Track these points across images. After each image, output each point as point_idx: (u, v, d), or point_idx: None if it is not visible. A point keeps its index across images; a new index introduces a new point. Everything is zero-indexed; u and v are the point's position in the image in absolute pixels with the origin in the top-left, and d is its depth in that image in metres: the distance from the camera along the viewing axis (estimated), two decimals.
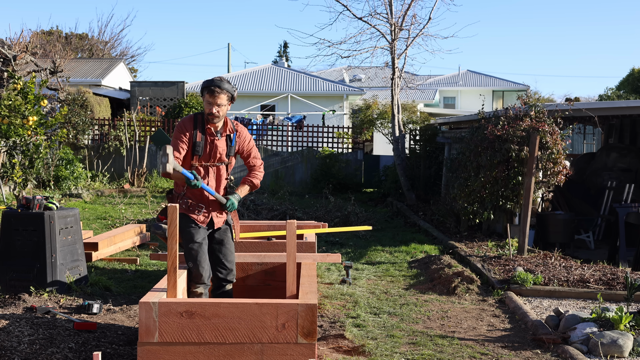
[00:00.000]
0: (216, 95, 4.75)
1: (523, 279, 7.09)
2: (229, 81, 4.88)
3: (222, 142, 4.91)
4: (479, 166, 9.76)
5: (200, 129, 4.86)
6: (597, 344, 5.04)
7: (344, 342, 5.17)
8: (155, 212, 12.73)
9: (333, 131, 19.85)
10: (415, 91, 31.68)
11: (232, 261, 5.07)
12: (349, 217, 11.83)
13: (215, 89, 4.74)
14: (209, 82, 4.79)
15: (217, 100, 4.76)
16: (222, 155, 4.93)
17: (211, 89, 4.75)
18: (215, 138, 4.88)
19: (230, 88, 4.82)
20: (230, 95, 4.83)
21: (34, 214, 6.22)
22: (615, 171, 12.06)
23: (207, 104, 4.80)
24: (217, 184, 4.97)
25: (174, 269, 4.43)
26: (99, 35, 40.18)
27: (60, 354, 4.55)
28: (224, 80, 4.82)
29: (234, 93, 4.86)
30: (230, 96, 4.84)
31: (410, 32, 15.54)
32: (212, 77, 4.87)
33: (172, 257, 4.43)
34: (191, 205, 4.86)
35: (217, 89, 4.74)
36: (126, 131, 18.73)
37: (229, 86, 4.82)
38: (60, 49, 21.98)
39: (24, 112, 11.71)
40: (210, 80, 4.80)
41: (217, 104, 4.78)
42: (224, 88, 4.77)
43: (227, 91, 4.79)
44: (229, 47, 40.64)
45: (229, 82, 4.86)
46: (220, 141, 4.91)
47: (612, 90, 25.34)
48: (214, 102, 4.77)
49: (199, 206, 4.87)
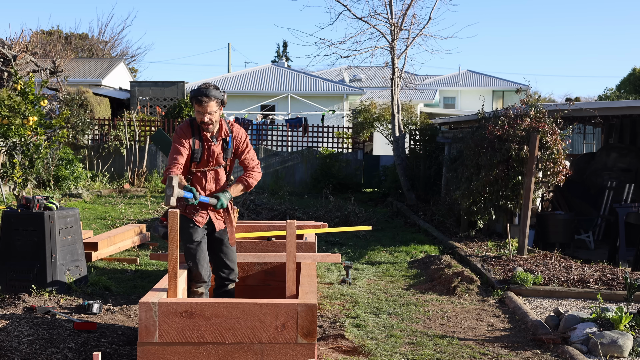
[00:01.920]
0: (205, 104, 4.71)
1: (523, 279, 7.09)
2: (216, 86, 4.82)
3: (218, 147, 4.91)
4: (479, 166, 9.76)
5: (197, 136, 4.84)
6: (597, 344, 5.04)
7: (344, 342, 5.18)
8: (155, 212, 12.73)
9: (333, 131, 19.85)
10: (415, 91, 31.67)
11: (233, 260, 5.07)
12: (349, 217, 11.84)
13: (203, 98, 4.70)
14: (195, 92, 4.74)
15: (207, 108, 4.73)
16: (220, 158, 4.92)
17: (199, 99, 4.70)
18: (211, 143, 4.87)
19: (218, 94, 4.76)
20: (219, 100, 4.78)
21: (34, 214, 6.22)
22: (615, 171, 12.06)
23: (198, 114, 4.77)
24: (217, 186, 4.98)
25: (175, 274, 4.44)
26: (99, 35, 40.22)
27: (60, 354, 4.55)
28: (210, 87, 4.76)
29: (223, 97, 4.81)
30: (220, 101, 4.79)
31: (410, 32, 15.55)
32: (198, 85, 4.82)
33: (173, 262, 4.43)
34: (188, 207, 4.87)
35: (204, 98, 4.70)
36: (126, 131, 18.73)
37: (216, 92, 4.76)
38: (60, 49, 22.01)
39: (24, 112, 11.71)
40: (197, 90, 4.75)
41: (208, 112, 4.75)
42: (211, 95, 4.72)
43: (215, 97, 4.74)
44: (229, 47, 40.67)
45: (216, 87, 4.81)
46: (217, 146, 4.90)
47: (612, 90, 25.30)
48: (204, 110, 4.74)
49: (196, 208, 4.88)
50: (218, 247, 5.00)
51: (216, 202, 4.81)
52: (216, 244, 5.00)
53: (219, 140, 4.92)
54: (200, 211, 4.89)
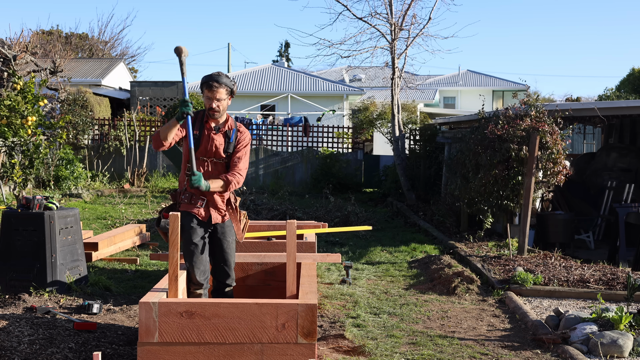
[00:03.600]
0: (214, 90, 4.75)
1: (523, 279, 7.09)
2: (227, 75, 4.86)
3: (219, 137, 4.86)
4: (479, 166, 9.76)
5: (200, 123, 4.86)
6: (597, 344, 5.04)
7: (344, 342, 5.17)
8: (155, 212, 12.73)
9: (333, 131, 19.86)
10: (415, 91, 31.66)
11: (230, 266, 4.99)
12: (349, 217, 11.83)
13: (214, 83, 4.74)
14: (207, 77, 4.79)
15: (217, 94, 4.76)
16: (219, 150, 4.86)
17: (210, 84, 4.75)
18: (212, 132, 4.85)
19: (228, 82, 4.81)
20: (229, 89, 4.82)
21: (34, 214, 6.22)
22: (615, 171, 12.06)
23: (206, 99, 4.80)
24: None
25: (175, 277, 4.43)
26: (99, 35, 40.19)
27: (60, 354, 4.55)
28: (222, 74, 4.82)
29: (233, 87, 4.85)
30: (230, 90, 4.83)
31: (410, 32, 15.56)
32: (211, 72, 4.86)
33: (174, 265, 4.43)
34: (193, 198, 4.82)
35: (215, 84, 4.74)
36: (126, 131, 18.73)
37: (227, 80, 4.81)
38: (60, 49, 21.96)
39: (24, 112, 11.71)
40: (208, 76, 4.80)
41: (217, 99, 4.77)
42: (222, 82, 4.76)
43: (225, 85, 4.78)
44: (229, 47, 40.65)
45: (227, 76, 4.85)
46: (218, 136, 4.86)
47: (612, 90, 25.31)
48: (213, 96, 4.76)
49: (201, 198, 4.82)
50: (217, 250, 4.95)
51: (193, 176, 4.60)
52: (216, 247, 4.94)
53: (222, 131, 4.89)
54: (201, 200, 4.82)
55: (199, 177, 4.60)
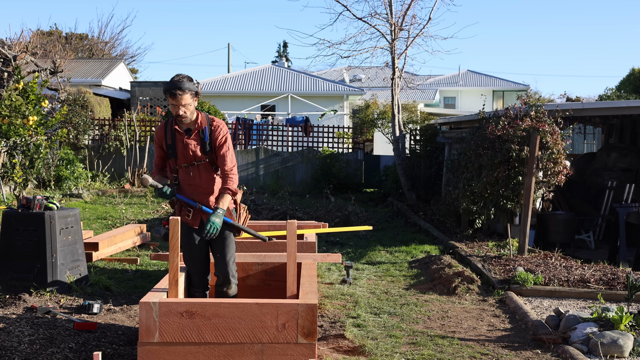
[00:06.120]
0: (179, 97, 4.65)
1: (523, 279, 7.09)
2: (189, 77, 4.75)
3: (193, 140, 4.79)
4: (480, 166, 9.76)
5: (171, 132, 4.79)
6: (597, 344, 5.04)
7: (344, 342, 5.17)
8: (155, 212, 12.74)
9: (333, 131, 19.85)
10: (415, 91, 31.65)
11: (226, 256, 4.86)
12: (350, 217, 11.83)
13: (177, 91, 4.64)
14: (168, 85, 4.68)
15: (182, 100, 4.67)
16: (197, 152, 4.77)
17: (173, 93, 4.64)
18: (185, 137, 4.78)
19: (191, 86, 4.70)
20: (193, 92, 4.72)
21: (35, 214, 6.22)
22: (616, 171, 12.06)
23: (172, 107, 4.72)
24: (206, 185, 4.82)
25: (175, 281, 4.44)
26: (99, 36, 40.18)
27: (60, 354, 4.55)
28: (183, 79, 4.69)
29: (196, 89, 4.75)
30: (194, 93, 4.73)
31: (410, 32, 15.56)
32: (171, 77, 4.74)
33: (174, 270, 4.43)
34: (182, 209, 4.83)
35: (178, 92, 4.64)
36: (126, 131, 18.74)
37: (189, 84, 4.70)
38: (60, 49, 21.98)
39: (25, 112, 11.71)
40: (169, 83, 4.69)
41: (182, 104, 4.68)
42: (185, 88, 4.66)
43: (189, 90, 4.68)
44: (229, 47, 40.66)
45: (189, 78, 4.74)
46: (191, 139, 4.79)
47: (612, 90, 25.31)
48: (179, 103, 4.68)
49: (188, 209, 4.80)
50: (214, 245, 4.91)
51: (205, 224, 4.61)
52: (213, 242, 4.88)
53: (195, 132, 4.80)
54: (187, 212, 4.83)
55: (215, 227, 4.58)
